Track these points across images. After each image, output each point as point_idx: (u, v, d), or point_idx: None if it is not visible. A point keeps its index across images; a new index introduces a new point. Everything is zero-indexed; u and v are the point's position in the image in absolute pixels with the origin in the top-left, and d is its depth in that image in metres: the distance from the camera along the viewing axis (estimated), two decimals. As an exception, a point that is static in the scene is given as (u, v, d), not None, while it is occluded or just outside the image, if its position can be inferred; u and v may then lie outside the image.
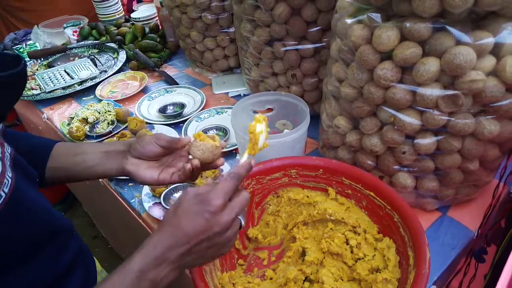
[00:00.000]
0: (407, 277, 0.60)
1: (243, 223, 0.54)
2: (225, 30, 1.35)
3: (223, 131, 1.14)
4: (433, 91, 0.65)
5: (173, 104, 1.29)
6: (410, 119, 0.69)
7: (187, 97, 1.35)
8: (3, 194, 0.48)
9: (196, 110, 1.26)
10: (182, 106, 1.28)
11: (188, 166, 0.64)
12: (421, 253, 0.59)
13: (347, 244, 0.72)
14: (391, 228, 0.69)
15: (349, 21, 0.72)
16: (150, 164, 0.68)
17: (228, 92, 1.37)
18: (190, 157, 0.65)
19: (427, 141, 0.71)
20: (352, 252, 0.70)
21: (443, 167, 0.74)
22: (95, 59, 1.61)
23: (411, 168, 0.76)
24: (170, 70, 1.58)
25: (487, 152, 0.72)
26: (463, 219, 0.83)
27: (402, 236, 0.65)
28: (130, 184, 0.99)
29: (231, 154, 1.06)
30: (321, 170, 0.78)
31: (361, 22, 0.70)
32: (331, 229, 0.75)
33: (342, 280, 0.67)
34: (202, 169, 0.67)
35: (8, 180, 0.49)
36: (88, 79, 1.48)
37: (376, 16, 0.67)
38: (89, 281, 0.70)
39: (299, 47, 1.01)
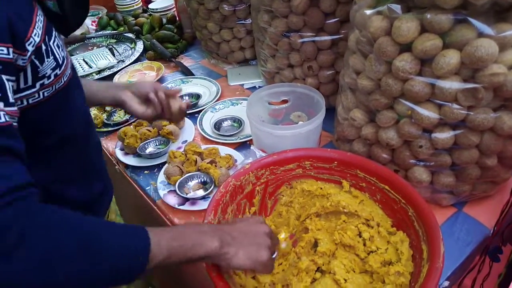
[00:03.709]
0: (420, 271, 0.59)
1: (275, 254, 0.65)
2: (241, 22, 1.35)
3: (237, 122, 1.14)
4: (452, 84, 0.64)
5: (189, 95, 1.30)
6: (428, 113, 0.68)
7: (202, 87, 1.36)
8: (63, 81, 0.61)
9: (211, 101, 1.26)
10: (198, 96, 1.29)
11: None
12: (435, 247, 0.58)
13: (360, 236, 0.72)
14: (405, 222, 0.68)
15: (368, 12, 0.71)
16: (141, 102, 0.86)
17: (243, 84, 1.38)
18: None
19: (444, 135, 0.70)
20: (364, 244, 0.70)
21: (460, 162, 0.73)
22: (113, 49, 1.64)
23: (428, 163, 0.75)
24: (186, 61, 1.59)
25: (507, 147, 0.70)
26: (479, 216, 0.82)
27: (417, 230, 0.65)
28: (145, 172, 1.01)
29: (245, 145, 1.07)
30: (335, 162, 0.78)
31: (381, 13, 0.69)
32: (344, 221, 0.75)
33: (354, 272, 0.67)
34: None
35: (68, 73, 0.63)
36: (106, 68, 1.50)
37: (396, 7, 0.67)
38: (108, 188, 0.84)
39: (316, 38, 1.01)
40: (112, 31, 1.81)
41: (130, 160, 1.02)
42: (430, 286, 0.54)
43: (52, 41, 0.58)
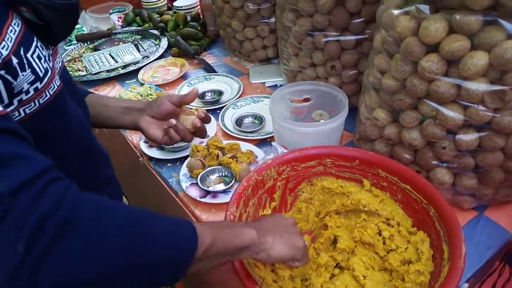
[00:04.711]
0: (440, 271, 0.59)
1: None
2: (265, 21, 1.37)
3: (259, 119, 1.16)
4: (479, 86, 0.64)
5: (212, 91, 1.33)
6: (453, 114, 0.68)
7: (224, 84, 1.38)
8: (48, 95, 0.56)
9: (233, 98, 1.28)
10: (220, 93, 1.31)
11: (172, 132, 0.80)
12: (456, 247, 0.59)
13: (380, 235, 0.72)
14: (426, 222, 0.69)
15: (395, 12, 0.72)
16: (160, 125, 0.81)
17: (265, 82, 1.39)
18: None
19: (469, 137, 0.70)
20: (384, 243, 0.71)
21: (483, 165, 0.73)
22: (138, 44, 1.67)
23: (450, 164, 0.75)
24: (209, 58, 1.61)
25: (533, 152, 0.70)
26: (501, 220, 0.81)
27: (438, 231, 0.65)
28: (168, 164, 1.03)
29: (265, 142, 1.08)
30: (357, 161, 0.78)
31: (408, 13, 0.70)
32: (364, 219, 0.75)
33: (373, 269, 0.68)
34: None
35: (54, 85, 0.58)
36: (131, 63, 1.53)
37: (425, 8, 0.67)
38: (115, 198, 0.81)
39: (341, 38, 1.01)
40: (138, 28, 1.84)
41: (154, 153, 1.05)
42: (451, 285, 0.54)
43: (30, 53, 0.53)
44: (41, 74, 0.54)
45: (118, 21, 1.92)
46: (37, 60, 0.53)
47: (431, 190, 0.68)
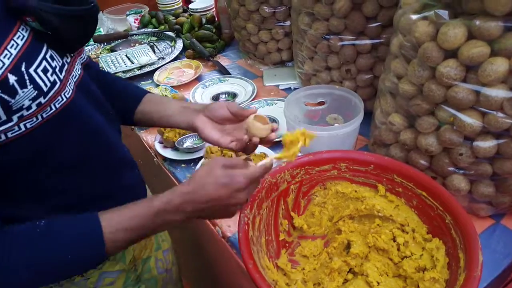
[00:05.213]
0: (456, 279, 0.59)
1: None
2: (280, 24, 1.37)
3: (272, 122, 1.16)
4: (498, 92, 0.63)
5: (226, 93, 1.34)
6: (471, 120, 0.67)
7: (239, 87, 1.39)
8: (53, 108, 0.55)
9: (247, 100, 1.29)
10: (234, 95, 1.32)
11: (245, 137, 0.74)
12: (473, 256, 0.58)
13: (394, 241, 0.71)
14: (441, 229, 0.68)
15: (413, 17, 0.71)
16: (215, 127, 0.77)
17: (278, 85, 1.39)
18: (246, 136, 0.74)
19: (487, 144, 0.69)
20: (398, 249, 0.70)
21: (501, 173, 0.71)
22: (154, 46, 1.69)
23: (467, 171, 0.74)
24: (224, 60, 1.62)
25: (553, 160, 0.68)
26: (519, 229, 0.79)
27: (453, 238, 0.64)
28: (182, 165, 1.04)
29: (279, 144, 1.08)
30: (372, 166, 0.78)
31: (427, 18, 0.69)
32: (378, 225, 0.75)
33: (387, 275, 0.67)
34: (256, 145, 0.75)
35: (63, 98, 0.56)
36: (147, 64, 1.55)
37: (444, 13, 0.66)
38: None
39: (357, 42, 1.01)
40: (154, 29, 1.87)
41: (168, 153, 1.06)
42: (467, 294, 0.54)
43: (34, 68, 0.50)
44: (45, 89, 0.52)
45: (135, 22, 1.95)
46: (41, 74, 0.51)
47: (447, 197, 0.67)
